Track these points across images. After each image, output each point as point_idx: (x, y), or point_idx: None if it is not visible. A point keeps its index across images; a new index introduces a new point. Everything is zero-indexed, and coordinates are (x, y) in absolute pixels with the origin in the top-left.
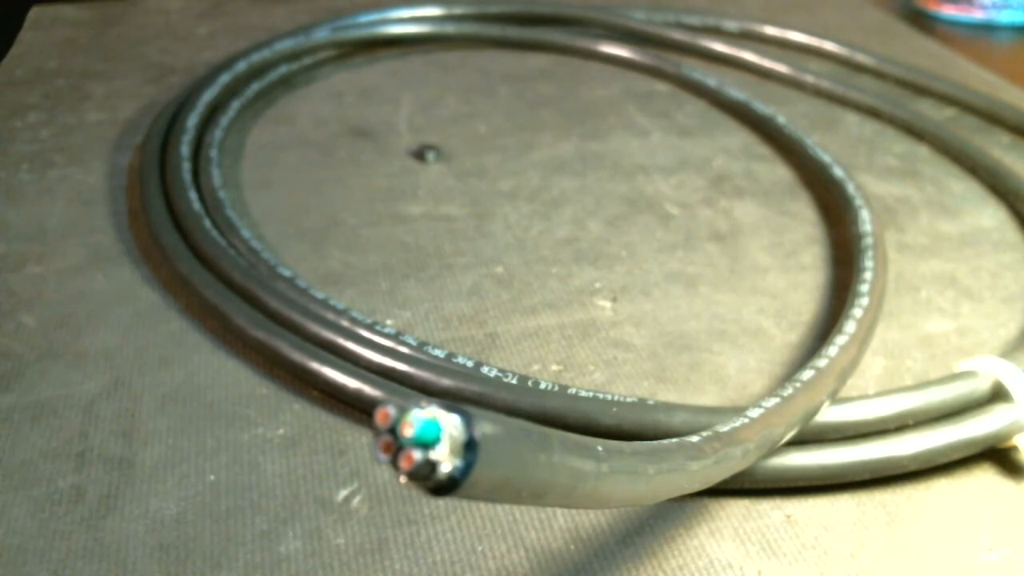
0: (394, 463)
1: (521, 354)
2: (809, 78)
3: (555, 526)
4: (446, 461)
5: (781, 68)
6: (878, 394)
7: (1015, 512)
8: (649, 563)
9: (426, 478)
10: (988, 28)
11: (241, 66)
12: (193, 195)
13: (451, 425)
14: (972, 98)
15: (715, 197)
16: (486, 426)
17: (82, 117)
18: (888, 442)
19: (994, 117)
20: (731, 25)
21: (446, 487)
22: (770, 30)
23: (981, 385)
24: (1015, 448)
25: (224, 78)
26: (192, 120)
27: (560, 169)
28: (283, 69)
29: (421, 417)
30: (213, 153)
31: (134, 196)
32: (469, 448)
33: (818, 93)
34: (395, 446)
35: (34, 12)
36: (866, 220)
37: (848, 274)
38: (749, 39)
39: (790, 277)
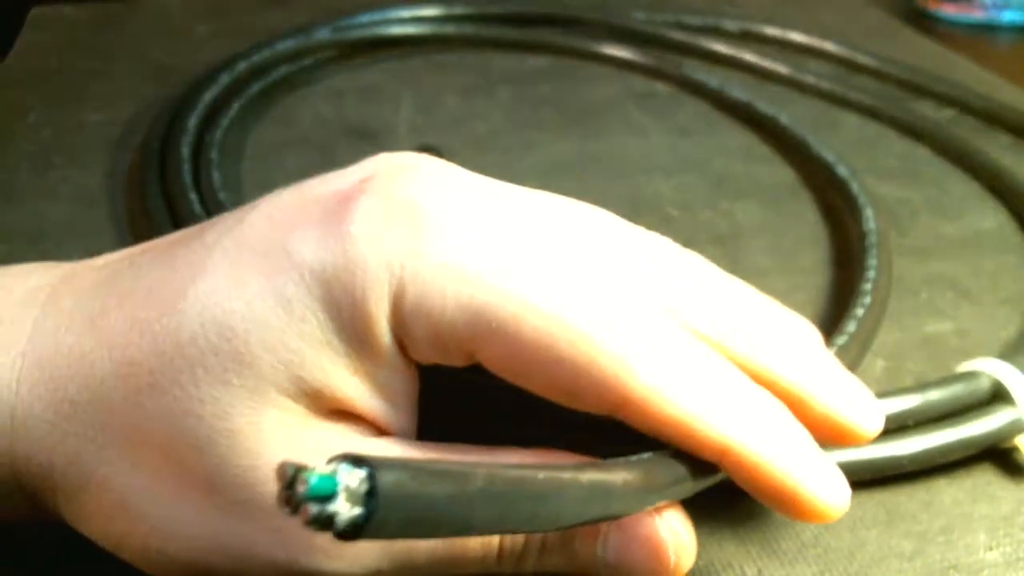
0: (295, 515)
1: None
2: (809, 78)
3: None
4: (345, 512)
5: (781, 68)
6: (878, 394)
7: (1015, 512)
8: None
9: (325, 527)
10: (988, 28)
11: (241, 66)
12: (193, 196)
13: (350, 478)
14: (972, 98)
15: (715, 198)
16: (389, 475)
17: (82, 117)
18: (888, 442)
19: (994, 117)
20: (731, 25)
21: (349, 533)
22: (770, 30)
23: (981, 386)
24: (1015, 448)
25: (224, 78)
26: (192, 120)
27: (560, 170)
28: (283, 69)
29: (317, 473)
30: (213, 154)
31: (134, 197)
32: (369, 498)
33: (818, 94)
34: (294, 500)
35: (34, 12)
36: (870, 218)
37: (849, 275)
38: (749, 39)
39: (791, 279)
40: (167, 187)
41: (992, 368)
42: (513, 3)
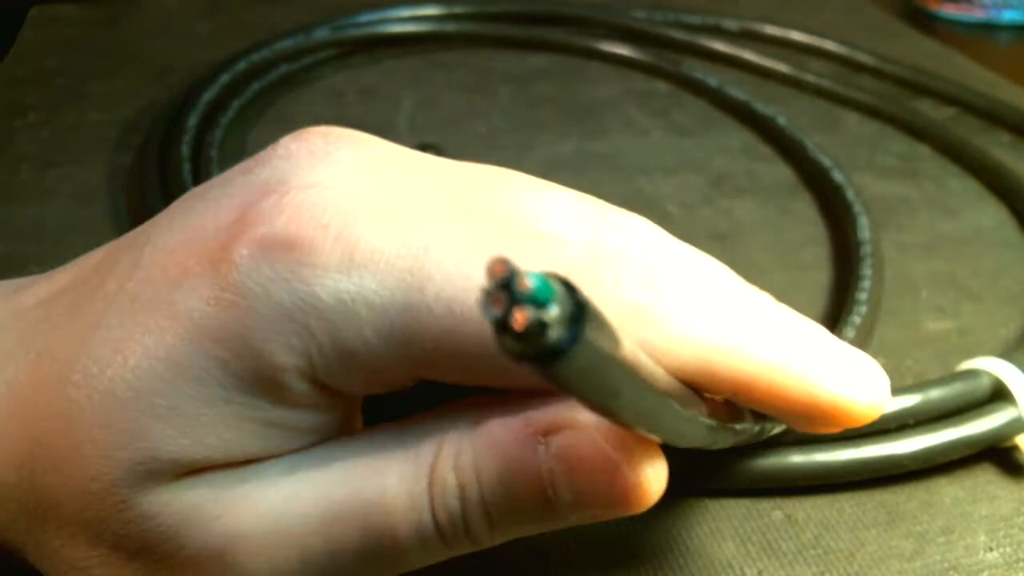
0: (504, 321)
1: None
2: (810, 77)
3: None
4: (555, 326)
5: (781, 68)
6: None
7: (1015, 512)
8: (649, 563)
9: (534, 341)
10: (988, 27)
11: (241, 66)
12: None
13: (561, 291)
14: (972, 98)
15: (715, 196)
16: (588, 298)
17: (82, 117)
18: (888, 442)
19: (994, 117)
20: (731, 24)
21: (549, 355)
22: (770, 30)
23: (981, 385)
24: (1015, 448)
25: (224, 78)
26: (192, 120)
27: (560, 169)
28: (283, 69)
29: (538, 275)
30: (213, 153)
31: (134, 196)
32: (577, 317)
33: (818, 93)
34: (507, 302)
35: (34, 12)
36: (865, 227)
37: (848, 274)
38: (749, 39)
39: (790, 277)
40: (167, 186)
41: (993, 367)
42: (513, 2)
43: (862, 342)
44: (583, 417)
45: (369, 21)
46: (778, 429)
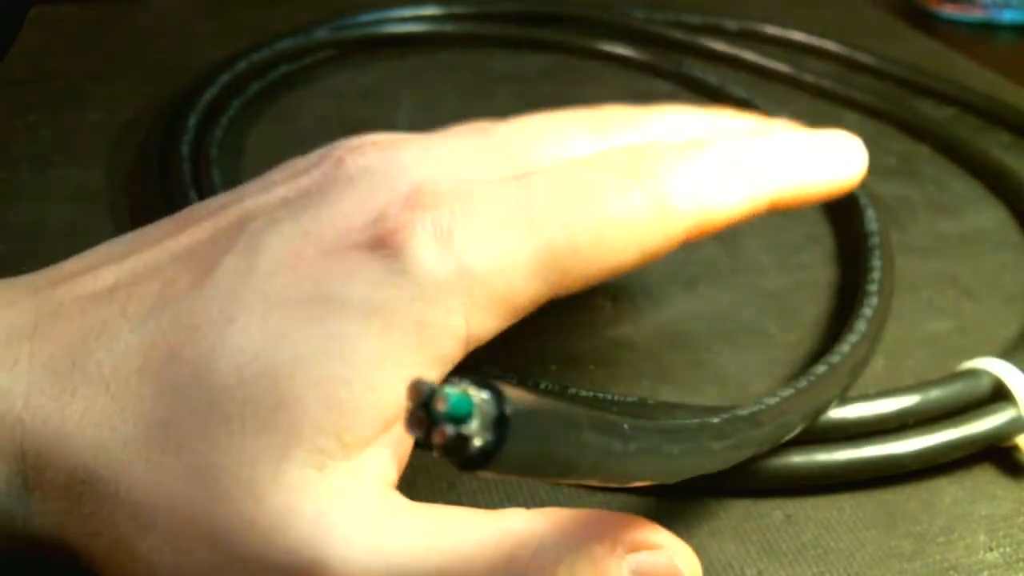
0: (427, 438)
1: (521, 354)
2: (810, 77)
3: None
4: (477, 436)
5: (781, 67)
6: (878, 394)
7: (1015, 512)
8: None
9: (458, 453)
10: (989, 27)
11: (241, 65)
12: (193, 195)
13: (482, 401)
14: (972, 97)
15: None
16: (516, 402)
17: (82, 117)
18: (888, 442)
19: (994, 116)
20: (731, 24)
21: (477, 461)
22: (770, 29)
23: (982, 384)
24: (1015, 448)
25: (224, 78)
26: (192, 120)
27: None
28: (283, 69)
29: (454, 392)
30: (213, 153)
31: (134, 196)
32: (500, 423)
33: (818, 93)
34: (427, 421)
35: (34, 12)
36: (872, 219)
37: (849, 273)
38: (749, 39)
39: (791, 276)
40: (167, 186)
41: (993, 367)
42: (513, 2)
43: (874, 334)
44: (664, 539)
45: (369, 21)
46: (791, 435)
